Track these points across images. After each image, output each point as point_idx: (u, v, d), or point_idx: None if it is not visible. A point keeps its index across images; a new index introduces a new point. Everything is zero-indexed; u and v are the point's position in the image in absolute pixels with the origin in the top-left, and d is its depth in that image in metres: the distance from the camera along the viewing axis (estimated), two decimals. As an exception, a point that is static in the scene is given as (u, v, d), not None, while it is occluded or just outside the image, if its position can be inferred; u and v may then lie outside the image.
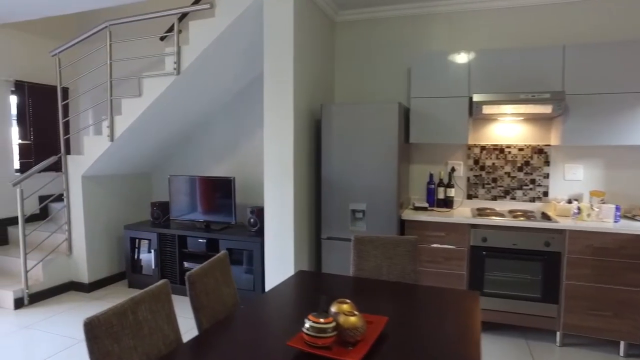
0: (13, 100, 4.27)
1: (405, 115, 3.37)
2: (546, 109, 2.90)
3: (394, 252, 2.23)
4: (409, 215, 3.13)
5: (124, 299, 1.34)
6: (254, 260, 3.46)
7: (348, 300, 1.49)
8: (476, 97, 3.00)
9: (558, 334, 2.90)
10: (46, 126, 4.50)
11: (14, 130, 4.28)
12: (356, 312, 1.40)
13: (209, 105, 3.95)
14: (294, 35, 2.91)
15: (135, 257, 3.94)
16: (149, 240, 3.83)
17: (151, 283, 3.85)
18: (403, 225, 3.17)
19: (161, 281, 1.46)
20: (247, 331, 1.50)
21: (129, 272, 3.94)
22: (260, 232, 3.58)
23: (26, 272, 3.49)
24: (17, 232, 4.22)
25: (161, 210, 3.97)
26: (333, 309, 1.47)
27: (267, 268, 3.10)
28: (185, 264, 3.73)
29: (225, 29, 3.10)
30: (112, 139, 3.54)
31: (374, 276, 2.23)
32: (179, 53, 3.24)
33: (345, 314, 1.38)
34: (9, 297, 3.47)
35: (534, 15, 3.29)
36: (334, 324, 1.33)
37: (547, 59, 2.97)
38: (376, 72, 3.74)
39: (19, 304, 3.48)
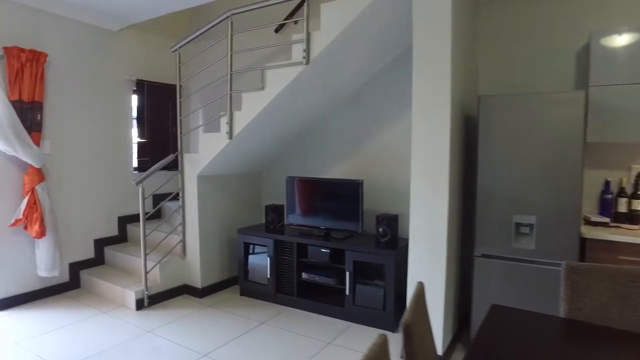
0: (134, 99, 4.29)
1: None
2: None
3: (628, 290, 1.62)
4: (592, 232, 2.47)
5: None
6: (386, 276, 3.00)
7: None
8: (699, 81, 2.25)
9: None
10: (159, 124, 4.48)
11: (133, 129, 4.31)
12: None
13: (331, 98, 3.59)
14: (452, 15, 2.40)
15: (248, 263, 3.69)
16: (265, 246, 3.55)
17: (265, 292, 3.59)
18: (583, 245, 2.51)
19: (379, 337, 1.00)
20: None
21: (242, 279, 3.70)
22: (391, 244, 3.13)
23: (146, 273, 3.39)
24: (135, 229, 4.22)
25: (276, 214, 3.68)
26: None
27: (411, 287, 2.62)
28: (304, 275, 3.38)
29: (363, 11, 2.68)
30: (230, 136, 3.30)
31: (598, 320, 1.64)
32: (308, 40, 2.90)
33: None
34: (131, 298, 3.38)
35: None
36: None
37: None
38: (531, 58, 3.08)
39: (139, 305, 3.39)
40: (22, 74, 3.31)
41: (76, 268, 3.86)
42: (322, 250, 3.27)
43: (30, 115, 3.38)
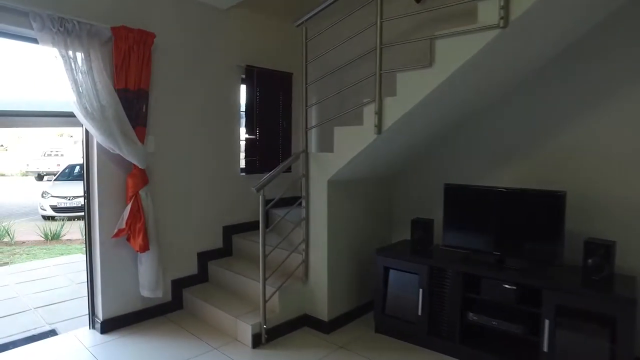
0: (242, 89, 3.69)
1: None
2: None
3: None
4: None
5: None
6: (619, 333, 2.06)
7: None
8: None
9: None
10: (269, 118, 3.84)
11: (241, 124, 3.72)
12: None
13: (513, 75, 2.71)
14: None
15: (387, 293, 2.90)
16: (414, 273, 2.74)
17: (412, 333, 2.70)
18: None
19: None
20: None
21: (378, 312, 2.91)
22: (609, 283, 2.19)
23: (265, 302, 2.73)
24: (241, 242, 3.61)
25: (425, 232, 2.87)
26: None
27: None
28: (472, 316, 2.52)
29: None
30: (379, 130, 2.54)
31: None
32: (507, -8, 2.04)
33: None
34: (247, 332, 2.73)
35: None
36: None
37: None
38: None
39: (256, 341, 2.73)
40: (129, 58, 2.79)
41: (179, 286, 3.32)
42: (505, 286, 2.38)
43: (135, 106, 2.86)
